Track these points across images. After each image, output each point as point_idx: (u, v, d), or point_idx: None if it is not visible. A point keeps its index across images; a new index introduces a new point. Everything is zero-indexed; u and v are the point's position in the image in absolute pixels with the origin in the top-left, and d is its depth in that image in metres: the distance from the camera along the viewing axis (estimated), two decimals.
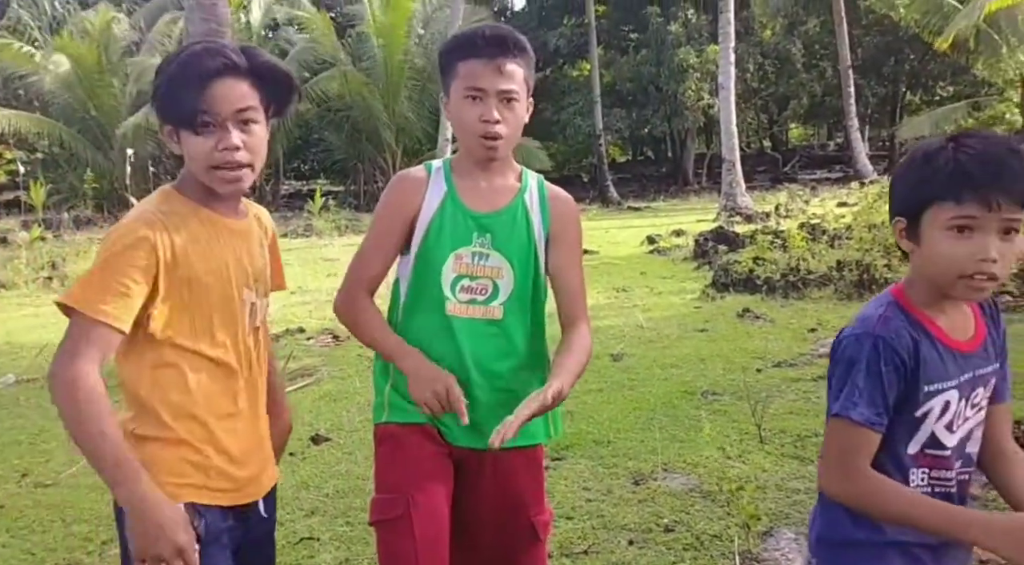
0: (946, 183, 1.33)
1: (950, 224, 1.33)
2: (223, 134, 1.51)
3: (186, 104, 1.50)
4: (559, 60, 27.19)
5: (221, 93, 1.50)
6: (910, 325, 1.39)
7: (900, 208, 1.42)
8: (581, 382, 5.28)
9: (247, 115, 1.54)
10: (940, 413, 1.41)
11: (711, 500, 3.28)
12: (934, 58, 23.55)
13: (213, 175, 1.55)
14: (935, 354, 1.40)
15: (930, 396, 1.40)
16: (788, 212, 14.20)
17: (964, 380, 1.41)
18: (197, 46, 1.57)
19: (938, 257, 1.36)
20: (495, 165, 1.86)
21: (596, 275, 9.44)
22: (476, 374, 1.81)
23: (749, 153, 28.48)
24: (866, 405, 1.38)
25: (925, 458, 1.42)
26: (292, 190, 26.27)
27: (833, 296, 7.32)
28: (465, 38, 1.83)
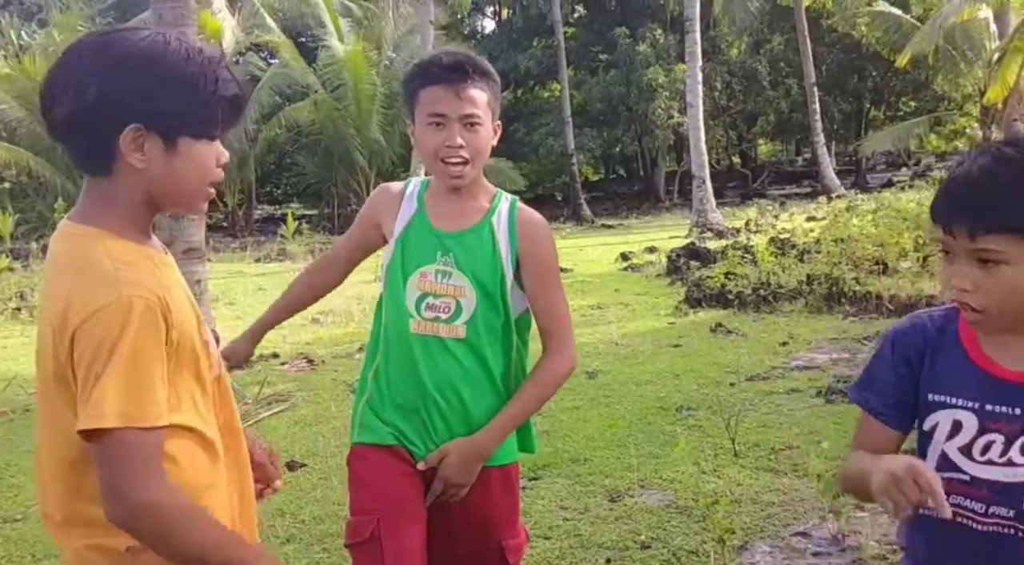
0: (933, 204, 1.29)
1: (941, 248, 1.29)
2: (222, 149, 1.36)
3: (217, 111, 1.29)
4: (530, 81, 27.45)
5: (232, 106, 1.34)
6: (944, 329, 1.34)
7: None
8: (557, 400, 5.31)
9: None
10: (949, 433, 1.31)
11: (687, 515, 3.30)
12: (896, 74, 24.08)
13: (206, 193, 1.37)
14: (956, 367, 1.31)
15: (935, 407, 1.32)
16: (758, 227, 14.39)
17: (992, 410, 1.28)
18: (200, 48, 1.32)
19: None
20: (471, 186, 1.89)
21: (571, 293, 9.44)
22: (442, 392, 1.83)
23: (719, 170, 28.82)
24: (872, 391, 1.37)
25: (944, 481, 1.26)
26: (265, 214, 26.13)
27: (803, 309, 7.41)
28: (425, 65, 1.88)
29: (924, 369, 1.33)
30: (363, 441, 1.88)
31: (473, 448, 1.82)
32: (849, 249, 8.65)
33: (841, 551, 2.94)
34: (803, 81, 23.28)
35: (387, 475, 1.83)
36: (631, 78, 23.24)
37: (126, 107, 1.24)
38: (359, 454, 1.88)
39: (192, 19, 6.00)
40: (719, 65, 24.84)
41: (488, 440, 1.82)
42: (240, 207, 22.19)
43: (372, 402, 1.88)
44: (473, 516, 1.88)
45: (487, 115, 1.85)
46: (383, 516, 1.77)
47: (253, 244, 17.82)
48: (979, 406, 1.29)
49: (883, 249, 8.58)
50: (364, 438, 1.88)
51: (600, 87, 24.18)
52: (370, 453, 1.86)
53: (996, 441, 1.28)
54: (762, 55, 25.87)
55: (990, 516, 1.30)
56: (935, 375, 1.32)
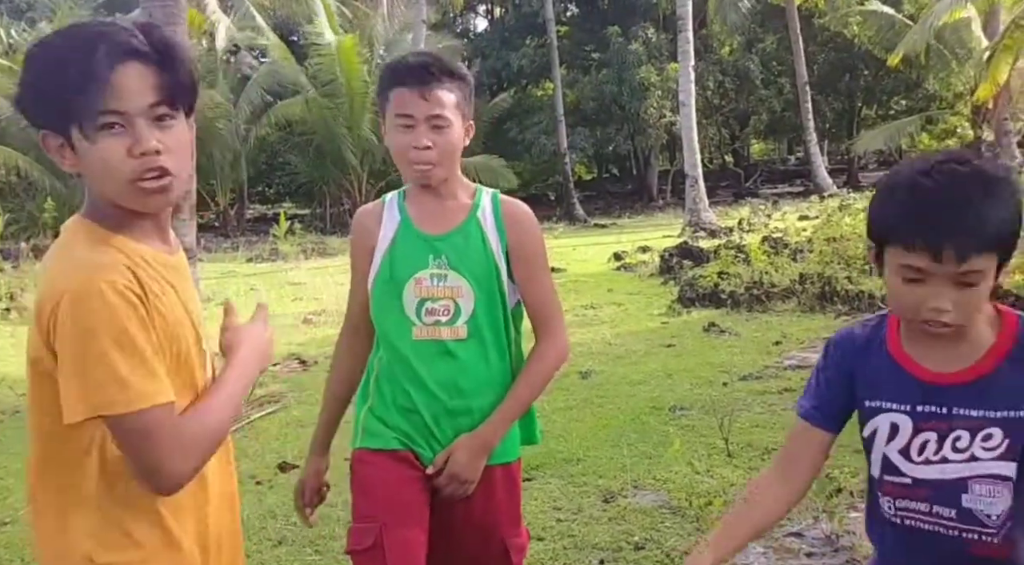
0: (898, 226, 1.24)
1: (901, 270, 1.25)
2: (137, 134, 1.17)
3: (82, 102, 1.14)
4: (523, 80, 27.41)
5: (130, 81, 1.16)
6: (874, 339, 1.39)
7: (870, 234, 1.33)
8: (550, 400, 5.29)
9: (161, 110, 1.20)
10: (888, 435, 1.36)
11: (680, 516, 3.30)
12: (888, 74, 24.15)
13: (135, 191, 1.20)
14: (886, 374, 1.36)
15: (872, 412, 1.37)
16: (751, 226, 14.41)
17: (924, 410, 1.33)
18: (81, 26, 1.20)
19: (892, 294, 1.30)
20: (443, 187, 1.88)
21: (564, 293, 9.48)
22: (449, 395, 1.83)
23: (712, 169, 28.89)
24: (807, 396, 1.45)
25: (887, 484, 1.38)
26: (257, 214, 26.05)
27: (796, 309, 7.42)
28: (394, 67, 1.88)
29: (857, 377, 1.39)
30: (367, 446, 1.87)
31: (479, 442, 1.82)
32: (841, 248, 8.67)
33: (835, 551, 2.94)
34: (795, 80, 23.34)
35: (391, 481, 1.81)
36: (624, 77, 23.24)
37: (32, 113, 1.21)
38: (363, 459, 1.87)
39: (182, 17, 5.98)
40: (711, 64, 24.86)
41: (492, 432, 1.83)
42: (232, 207, 22.12)
43: (375, 408, 1.88)
44: (476, 515, 1.88)
45: (456, 116, 1.83)
46: (386, 523, 1.76)
47: (245, 244, 17.76)
48: (911, 408, 1.34)
49: None
50: (368, 443, 1.87)
51: (593, 86, 24.17)
52: (374, 458, 1.85)
53: (930, 440, 1.33)
54: (754, 54, 25.90)
55: (934, 515, 1.34)
56: (868, 382, 1.37)
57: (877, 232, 1.30)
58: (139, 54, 1.17)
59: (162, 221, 1.31)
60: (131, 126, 1.17)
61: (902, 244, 1.23)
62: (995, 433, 1.30)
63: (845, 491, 3.11)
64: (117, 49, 1.15)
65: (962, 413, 1.31)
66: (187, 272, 1.36)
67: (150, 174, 1.19)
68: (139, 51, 1.17)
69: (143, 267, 1.22)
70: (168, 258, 1.30)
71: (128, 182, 1.19)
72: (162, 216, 1.30)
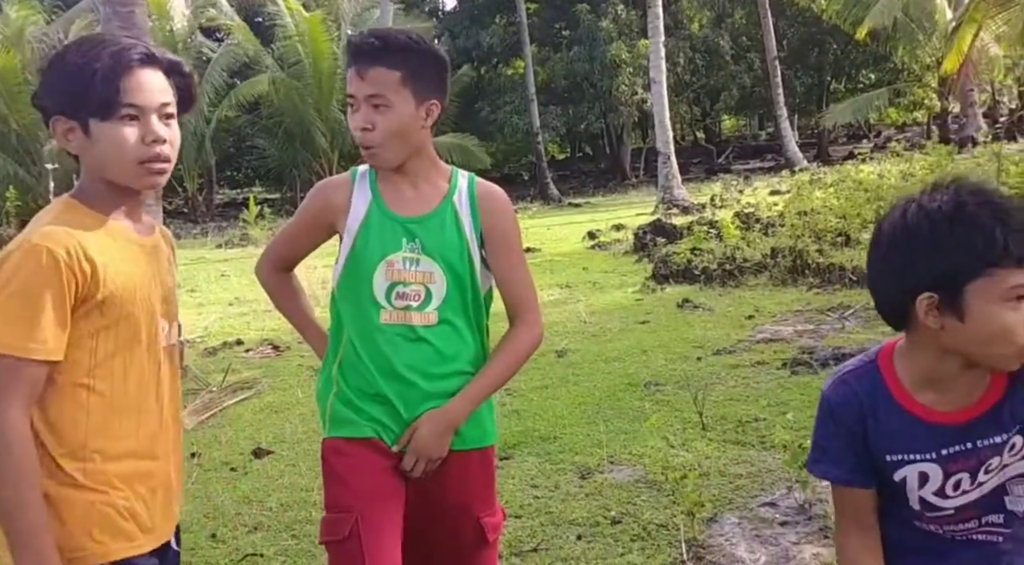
0: (1009, 247, 1.19)
1: (1012, 294, 1.19)
2: (150, 126, 1.43)
3: (107, 92, 1.40)
4: (493, 59, 27.22)
5: (148, 83, 1.44)
6: (874, 392, 1.33)
7: (929, 282, 1.24)
8: (526, 379, 5.29)
9: (168, 110, 1.47)
10: (920, 482, 1.33)
11: (656, 490, 3.32)
12: (856, 47, 24.30)
13: (139, 171, 1.44)
14: (901, 426, 1.32)
15: (897, 465, 1.33)
16: (723, 202, 14.49)
17: (949, 452, 1.31)
18: (104, 37, 1.48)
19: (1001, 332, 1.21)
20: (422, 168, 1.84)
21: (539, 272, 9.48)
22: (421, 380, 1.79)
23: (684, 146, 28.95)
24: (830, 463, 1.37)
25: (929, 520, 1.37)
26: (227, 199, 25.72)
27: (768, 282, 7.49)
28: (347, 47, 1.85)
29: (869, 434, 1.34)
30: (338, 435, 1.82)
31: (444, 418, 1.78)
32: (812, 222, 8.75)
33: (808, 519, 2.98)
34: (765, 55, 23.39)
35: (365, 470, 1.77)
36: (594, 54, 23.16)
37: (48, 102, 1.45)
38: (335, 448, 1.82)
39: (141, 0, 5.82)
40: (681, 40, 24.83)
41: (459, 409, 1.79)
42: (200, 192, 21.83)
43: (342, 395, 1.82)
44: (451, 497, 1.86)
45: (396, 96, 1.74)
46: (362, 513, 1.73)
47: (215, 229, 17.55)
48: (936, 455, 1.32)
49: (845, 221, 8.69)
50: (339, 432, 1.82)
51: (564, 64, 24.07)
52: (347, 447, 1.80)
53: (963, 478, 1.32)
54: (724, 30, 25.92)
55: (984, 527, 1.37)
56: (884, 438, 1.32)
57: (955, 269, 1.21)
58: (156, 63, 1.46)
59: (139, 205, 1.54)
60: (145, 118, 1.43)
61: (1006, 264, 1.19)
62: (1017, 442, 1.32)
63: None
64: (140, 57, 1.44)
65: (986, 443, 1.31)
66: (161, 254, 1.57)
67: (156, 160, 1.45)
68: (156, 60, 1.46)
69: (105, 239, 1.42)
70: (139, 238, 1.50)
71: (136, 163, 1.43)
72: (140, 201, 1.53)
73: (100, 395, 1.42)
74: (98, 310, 1.40)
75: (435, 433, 1.78)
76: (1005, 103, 24.55)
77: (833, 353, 4.95)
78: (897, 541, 1.40)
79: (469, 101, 23.86)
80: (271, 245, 2.04)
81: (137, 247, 1.49)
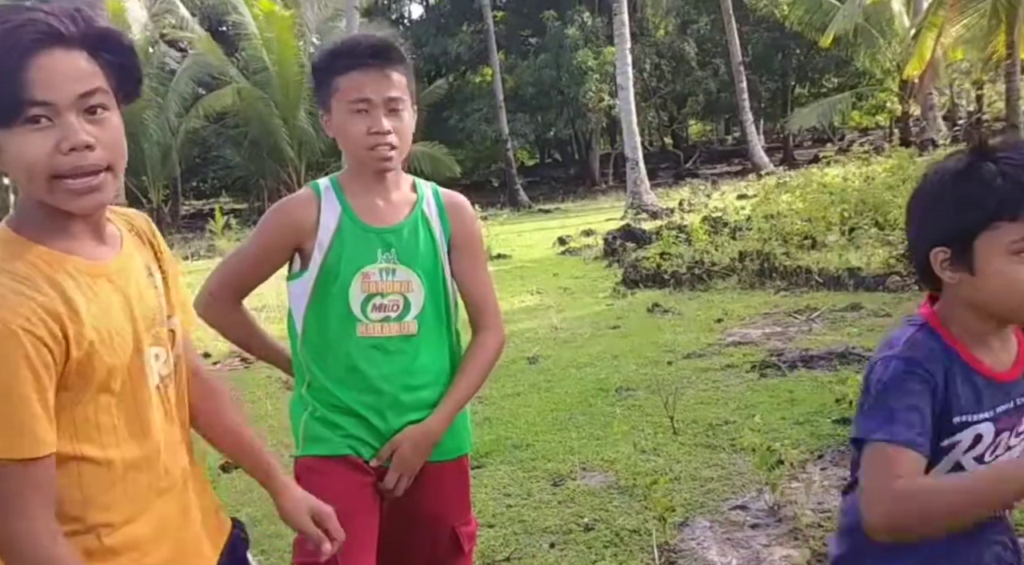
0: (1007, 199, 1.20)
1: (1018, 247, 1.21)
2: (65, 129, 1.07)
3: (2, 94, 1.05)
4: (461, 67, 27.25)
5: (55, 69, 1.06)
6: (946, 351, 1.30)
7: (941, 237, 1.27)
8: (498, 387, 5.27)
9: (94, 100, 1.10)
10: (970, 445, 1.31)
11: (628, 495, 3.32)
12: (818, 52, 24.68)
13: (58, 188, 1.09)
14: (969, 385, 1.30)
15: (960, 427, 1.30)
16: (692, 207, 14.63)
17: (1000, 411, 1.31)
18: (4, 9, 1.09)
19: (1009, 285, 1.22)
20: (388, 178, 1.82)
21: (510, 279, 9.48)
22: (400, 392, 1.78)
23: (652, 151, 29.18)
24: (904, 425, 1.25)
25: None
26: (193, 210, 25.41)
27: (737, 286, 7.56)
28: (345, 50, 1.77)
29: (950, 395, 1.29)
30: (313, 453, 1.79)
31: (426, 435, 1.78)
32: (779, 225, 8.85)
33: (778, 521, 3.00)
34: (730, 61, 23.69)
35: (341, 489, 1.73)
36: (561, 62, 23.29)
37: None
38: (309, 467, 1.79)
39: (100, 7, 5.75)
40: (648, 47, 25.07)
41: (439, 425, 1.79)
42: (165, 203, 21.54)
43: (315, 413, 1.79)
44: (427, 507, 1.85)
45: (408, 100, 1.78)
46: None
47: (180, 241, 17.31)
48: (993, 414, 1.31)
49: (811, 224, 8.81)
50: (314, 450, 1.79)
51: (531, 71, 24.17)
52: (321, 465, 1.78)
53: (1003, 439, 1.33)
54: (689, 36, 26.21)
55: None
56: (958, 398, 1.29)
57: (965, 223, 1.24)
58: (64, 39, 1.07)
59: (96, 220, 1.19)
60: (58, 118, 1.07)
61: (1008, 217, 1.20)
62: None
63: (786, 463, 3.18)
64: (40, 35, 1.05)
65: (1021, 402, 1.32)
66: (134, 270, 1.24)
67: (80, 173, 1.08)
68: (64, 36, 1.07)
69: (63, 279, 1.11)
70: (103, 265, 1.18)
71: (54, 181, 1.08)
72: (96, 217, 1.19)
73: (90, 462, 1.17)
74: (76, 374, 1.12)
75: (418, 450, 1.78)
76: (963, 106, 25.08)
77: (801, 355, 5.01)
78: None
79: (438, 109, 23.84)
80: (225, 275, 1.85)
81: (103, 281, 1.17)
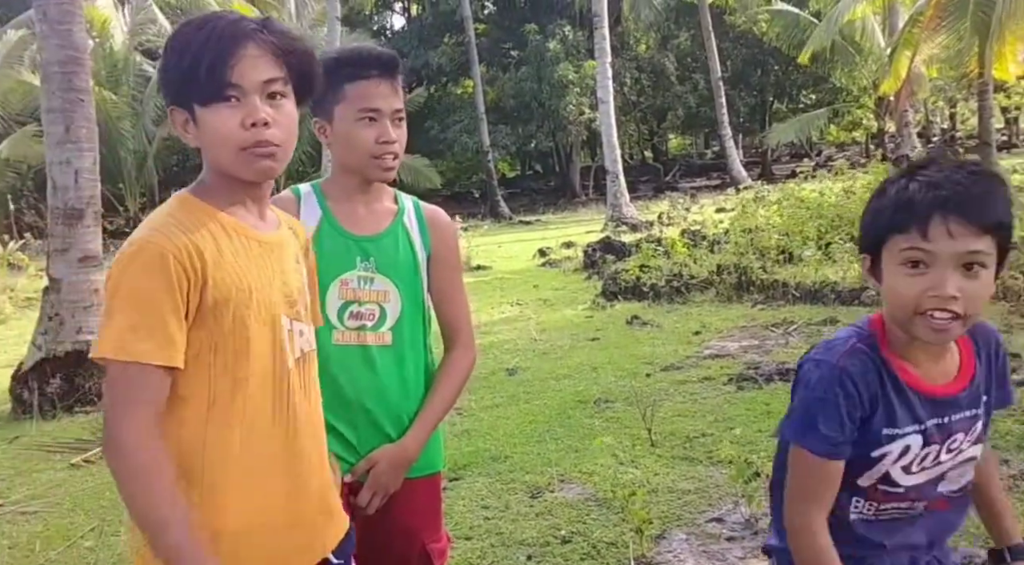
0: (895, 213, 1.26)
1: (902, 258, 1.25)
2: (250, 108, 1.29)
3: (206, 73, 1.27)
4: (442, 78, 27.34)
5: (248, 59, 1.29)
6: (879, 363, 1.32)
7: (863, 244, 1.34)
8: (477, 398, 5.26)
9: (274, 87, 1.32)
10: (898, 456, 1.33)
11: (606, 507, 3.33)
12: (796, 69, 25.03)
13: (244, 158, 1.30)
14: (899, 398, 1.32)
15: (889, 439, 1.33)
16: (671, 220, 14.72)
17: (932, 425, 1.33)
18: (209, 16, 1.34)
19: (893, 293, 1.27)
20: (373, 188, 1.83)
21: (490, 290, 9.49)
22: (372, 404, 1.77)
23: (632, 164, 29.38)
24: (822, 437, 1.30)
25: (876, 492, 1.36)
26: None
27: (715, 299, 7.61)
28: (353, 59, 1.77)
29: (876, 407, 1.31)
30: None
31: (403, 454, 1.78)
32: (756, 239, 8.93)
33: (753, 534, 3.02)
34: (709, 76, 23.96)
35: None
36: (542, 74, 23.43)
37: (164, 92, 1.36)
38: None
39: (78, 15, 5.70)
40: (628, 61, 25.29)
41: (416, 443, 1.79)
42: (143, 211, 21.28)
43: None
44: (398, 524, 1.84)
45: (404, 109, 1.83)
46: None
47: None
48: (923, 427, 1.33)
49: (788, 238, 8.90)
50: None
51: (512, 83, 24.29)
52: None
53: (931, 452, 1.35)
54: (669, 51, 26.48)
55: (913, 508, 1.38)
56: (888, 412, 1.32)
57: (874, 232, 1.30)
58: (257, 38, 1.31)
59: (261, 198, 1.41)
60: (245, 99, 1.29)
61: (901, 230, 1.25)
62: (978, 426, 1.37)
63: (763, 475, 3.19)
64: (239, 33, 1.30)
65: (958, 418, 1.35)
66: (286, 250, 1.42)
67: (257, 146, 1.30)
68: (257, 35, 1.31)
69: (219, 234, 1.31)
70: (259, 233, 1.38)
71: (239, 150, 1.30)
72: (261, 194, 1.40)
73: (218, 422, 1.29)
74: (212, 316, 1.27)
75: (394, 469, 1.77)
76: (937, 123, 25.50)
77: (778, 368, 5.05)
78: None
79: (419, 120, 23.85)
80: None
81: (256, 244, 1.36)
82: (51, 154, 5.68)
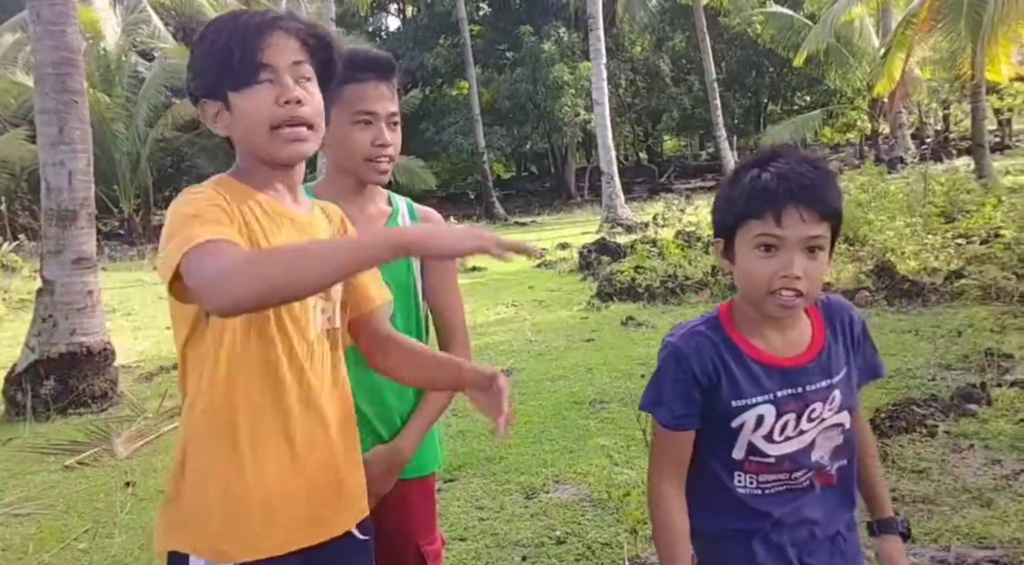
0: (750, 201, 1.37)
1: (756, 242, 1.37)
2: (283, 86, 1.36)
3: (239, 59, 1.34)
4: (437, 80, 27.34)
5: (277, 44, 1.37)
6: (720, 342, 1.44)
7: (717, 229, 1.46)
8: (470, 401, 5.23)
9: (303, 71, 1.39)
10: (755, 426, 1.43)
11: (601, 508, 3.33)
12: (791, 70, 25.10)
13: (274, 137, 1.36)
14: (744, 372, 1.43)
15: (741, 410, 1.43)
16: (665, 221, 14.73)
17: (785, 395, 1.43)
18: (238, 12, 1.44)
19: (747, 275, 1.39)
20: (366, 190, 1.83)
21: (486, 292, 9.49)
22: (367, 405, 1.77)
23: (627, 165, 29.41)
24: (666, 409, 1.45)
25: (750, 464, 1.45)
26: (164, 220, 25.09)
27: (709, 300, 7.62)
28: (349, 61, 1.75)
29: (722, 383, 1.42)
30: None
31: (396, 456, 1.77)
32: None
33: None
34: (704, 78, 23.97)
35: None
36: (537, 76, 23.45)
37: (194, 88, 1.41)
38: None
39: (72, 17, 5.68)
40: (623, 62, 25.34)
41: (409, 446, 1.79)
42: (137, 213, 21.24)
43: None
44: (392, 526, 1.82)
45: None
46: None
47: (152, 251, 17.07)
48: (773, 396, 1.43)
49: None
50: None
51: (508, 85, 24.30)
52: None
53: (790, 419, 1.44)
54: (664, 52, 26.53)
55: (792, 479, 1.47)
56: (732, 384, 1.42)
57: (728, 218, 1.42)
58: (283, 25, 1.39)
59: (293, 185, 1.45)
60: (278, 78, 1.35)
61: (756, 216, 1.37)
62: (836, 395, 1.46)
63: None
64: (266, 21, 1.38)
65: (813, 388, 1.45)
66: (315, 230, 1.45)
67: (291, 123, 1.36)
68: (283, 23, 1.39)
69: (254, 209, 1.36)
70: (292, 211, 1.42)
71: (271, 129, 1.35)
72: (293, 181, 1.45)
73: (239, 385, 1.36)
74: None
75: (387, 471, 1.77)
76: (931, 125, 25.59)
77: None
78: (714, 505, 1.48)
79: (414, 122, 23.86)
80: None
81: (289, 222, 1.40)
82: (45, 156, 5.67)
